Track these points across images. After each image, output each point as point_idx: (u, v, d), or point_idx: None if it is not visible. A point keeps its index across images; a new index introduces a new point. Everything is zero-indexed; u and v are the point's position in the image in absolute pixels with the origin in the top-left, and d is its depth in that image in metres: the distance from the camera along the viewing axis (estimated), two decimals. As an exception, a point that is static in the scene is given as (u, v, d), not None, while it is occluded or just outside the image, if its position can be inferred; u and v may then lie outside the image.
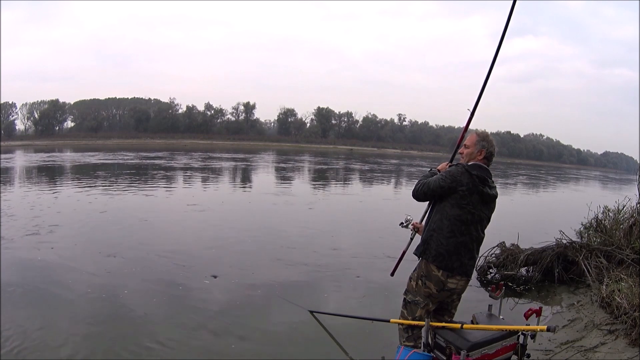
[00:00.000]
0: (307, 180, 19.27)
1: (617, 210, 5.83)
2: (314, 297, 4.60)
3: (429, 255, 2.53)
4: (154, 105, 69.17)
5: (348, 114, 76.90)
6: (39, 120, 59.97)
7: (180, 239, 6.76)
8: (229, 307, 4.19)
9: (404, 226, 2.96)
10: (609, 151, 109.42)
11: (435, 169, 2.78)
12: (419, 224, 2.92)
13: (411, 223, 2.95)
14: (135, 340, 3.40)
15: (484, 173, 2.51)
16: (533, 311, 2.53)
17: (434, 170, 2.76)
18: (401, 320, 2.69)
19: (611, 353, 3.19)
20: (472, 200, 2.46)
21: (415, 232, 2.94)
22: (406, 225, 2.96)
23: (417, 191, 2.63)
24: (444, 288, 2.53)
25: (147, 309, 4.03)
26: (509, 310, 4.15)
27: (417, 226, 2.92)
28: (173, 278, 4.89)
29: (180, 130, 63.69)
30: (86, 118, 63.51)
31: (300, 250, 6.36)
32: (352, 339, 3.61)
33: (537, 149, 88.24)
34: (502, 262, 5.45)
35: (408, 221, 2.96)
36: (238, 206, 10.53)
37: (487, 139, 2.59)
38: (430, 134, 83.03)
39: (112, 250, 5.79)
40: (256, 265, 5.57)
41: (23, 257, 5.34)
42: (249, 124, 70.44)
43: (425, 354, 2.43)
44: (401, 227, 2.97)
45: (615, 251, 4.99)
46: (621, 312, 3.61)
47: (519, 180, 27.90)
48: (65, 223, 7.31)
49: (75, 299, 4.15)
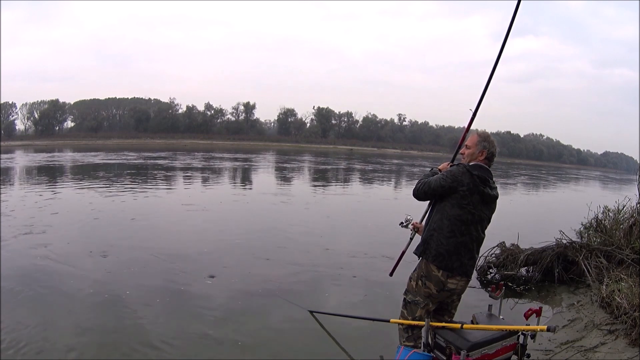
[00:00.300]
0: (307, 180, 19.27)
1: (617, 210, 5.83)
2: (313, 297, 4.59)
3: (429, 255, 2.54)
4: (154, 105, 69.13)
5: (348, 114, 76.93)
6: (39, 120, 59.94)
7: (179, 239, 6.75)
8: (227, 307, 4.19)
9: (404, 226, 2.96)
10: (609, 151, 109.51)
11: (437, 169, 2.78)
12: (418, 224, 2.92)
13: (411, 223, 2.95)
14: (135, 341, 3.39)
15: (485, 173, 2.51)
16: (533, 311, 2.53)
17: (435, 170, 2.76)
18: (401, 320, 2.69)
19: (611, 353, 3.18)
20: (473, 200, 2.46)
21: (415, 232, 2.94)
22: (406, 225, 2.96)
23: (418, 190, 2.63)
24: (444, 288, 2.53)
25: (146, 309, 4.02)
26: (509, 310, 4.14)
27: (417, 226, 2.92)
28: (172, 278, 4.89)
29: (180, 130, 63.65)
30: (86, 118, 63.47)
31: (299, 250, 6.36)
32: (352, 339, 3.60)
33: (537, 149, 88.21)
34: (502, 262, 5.45)
35: (408, 221, 2.96)
36: (237, 206, 10.51)
37: (488, 139, 2.58)
38: (430, 134, 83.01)
39: (110, 250, 5.79)
40: (255, 265, 5.56)
41: (22, 257, 5.34)
42: (249, 124, 70.41)
43: (425, 354, 2.43)
44: (401, 226, 2.97)
45: (615, 251, 4.98)
46: (621, 312, 3.61)
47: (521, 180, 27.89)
48: (63, 223, 7.31)
49: (75, 299, 4.15)
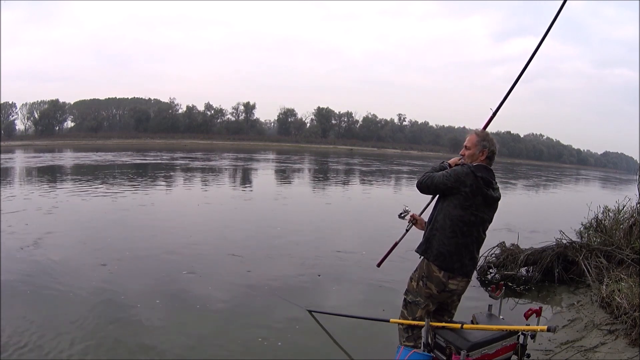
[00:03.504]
0: (308, 179, 19.26)
1: (617, 210, 5.82)
2: (312, 296, 4.58)
3: (430, 255, 2.53)
4: (154, 105, 69.18)
5: (348, 114, 76.99)
6: (39, 120, 59.99)
7: (178, 239, 6.75)
8: (227, 307, 4.18)
9: (402, 217, 2.92)
10: (609, 151, 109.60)
11: (447, 163, 2.73)
12: (417, 216, 2.88)
13: (409, 214, 2.90)
14: (134, 341, 3.39)
15: (489, 175, 2.49)
16: (533, 311, 2.53)
17: (445, 164, 2.72)
18: (401, 320, 2.69)
19: (611, 353, 3.18)
20: (476, 202, 2.45)
21: (413, 224, 2.90)
22: (404, 216, 2.91)
23: (421, 183, 2.60)
24: (445, 289, 2.52)
25: (146, 309, 4.01)
26: (509, 310, 4.14)
27: (415, 218, 2.88)
28: (173, 278, 4.89)
29: (180, 130, 63.68)
30: (86, 118, 63.51)
31: (298, 250, 6.35)
32: (352, 339, 3.59)
33: (537, 149, 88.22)
34: (502, 262, 5.44)
35: (406, 212, 2.91)
36: (236, 206, 10.51)
37: (487, 138, 2.56)
38: (430, 134, 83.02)
39: (110, 250, 5.79)
40: (254, 265, 5.56)
41: (21, 257, 5.34)
42: (249, 124, 70.44)
43: (425, 354, 2.43)
44: (399, 218, 2.93)
45: (615, 251, 4.98)
46: (621, 312, 3.60)
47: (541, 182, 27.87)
48: (65, 223, 7.31)
49: (75, 298, 4.15)
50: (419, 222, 2.84)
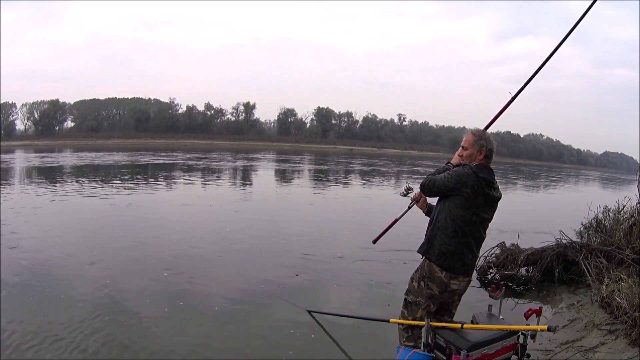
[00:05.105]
0: (308, 180, 19.26)
1: (617, 210, 5.81)
2: (312, 296, 4.58)
3: (432, 255, 2.53)
4: (154, 105, 69.19)
5: (348, 114, 77.02)
6: (39, 120, 60.01)
7: (178, 239, 6.75)
8: (227, 307, 4.18)
9: (404, 195, 2.90)
10: (609, 151, 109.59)
11: (451, 164, 2.72)
12: (419, 194, 2.83)
13: (413, 192, 2.88)
14: (134, 342, 3.39)
15: (489, 175, 2.49)
16: (533, 311, 2.53)
17: (449, 165, 2.71)
18: (401, 320, 2.69)
19: (611, 353, 3.18)
20: (477, 202, 2.45)
21: (415, 203, 2.87)
22: (406, 194, 2.89)
23: (424, 186, 2.62)
24: (446, 289, 2.52)
25: (146, 309, 4.02)
26: (509, 310, 4.14)
27: (417, 197, 2.85)
28: (173, 279, 4.88)
29: (180, 130, 63.70)
30: (86, 118, 63.53)
31: (297, 250, 6.34)
32: (351, 339, 3.59)
33: (537, 149, 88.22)
34: (502, 262, 5.44)
35: (409, 190, 2.88)
36: (236, 205, 10.50)
37: (484, 136, 2.56)
38: (430, 134, 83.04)
39: (110, 250, 5.80)
40: (254, 265, 5.56)
41: (21, 257, 5.34)
42: (249, 124, 70.44)
43: (426, 354, 2.43)
44: (401, 196, 2.91)
45: (615, 251, 4.97)
46: (621, 312, 3.60)
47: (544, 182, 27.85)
48: (65, 223, 7.31)
49: (75, 298, 4.15)
50: (421, 202, 2.83)
